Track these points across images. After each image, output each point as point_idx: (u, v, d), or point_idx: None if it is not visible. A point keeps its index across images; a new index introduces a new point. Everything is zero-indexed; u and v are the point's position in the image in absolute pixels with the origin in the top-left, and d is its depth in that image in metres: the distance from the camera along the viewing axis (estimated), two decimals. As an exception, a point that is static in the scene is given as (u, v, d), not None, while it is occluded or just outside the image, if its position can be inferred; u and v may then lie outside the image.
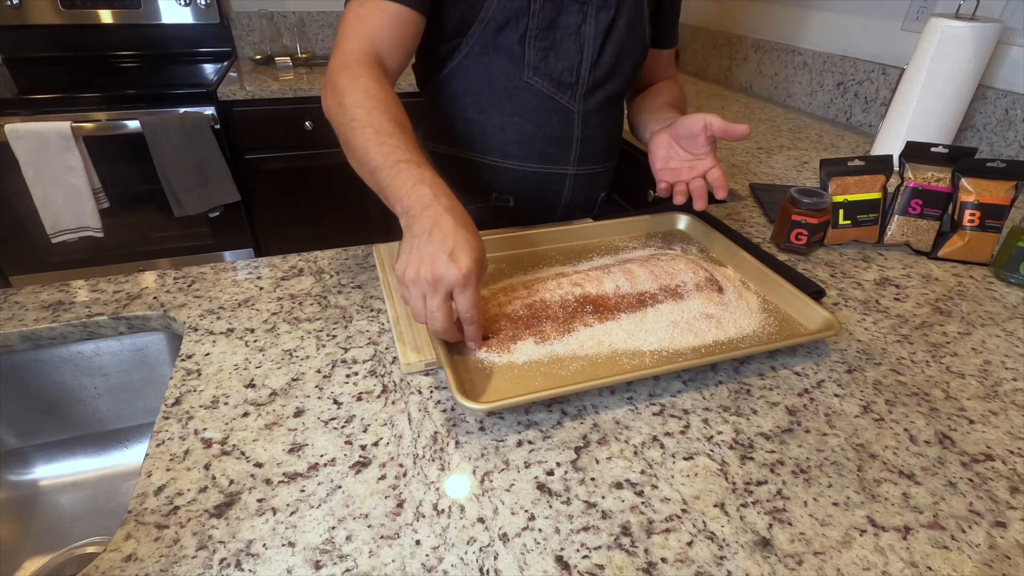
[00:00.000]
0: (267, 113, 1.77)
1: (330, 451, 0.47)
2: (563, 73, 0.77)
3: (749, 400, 0.53)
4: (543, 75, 0.77)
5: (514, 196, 0.86)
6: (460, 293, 0.49)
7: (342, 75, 0.62)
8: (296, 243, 1.99)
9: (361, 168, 0.59)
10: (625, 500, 0.43)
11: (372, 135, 0.57)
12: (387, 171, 0.55)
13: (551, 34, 0.74)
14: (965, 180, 0.77)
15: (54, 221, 1.62)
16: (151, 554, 0.39)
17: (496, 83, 0.77)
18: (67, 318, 0.61)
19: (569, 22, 0.74)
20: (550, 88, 0.78)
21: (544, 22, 0.73)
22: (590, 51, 0.77)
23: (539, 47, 0.74)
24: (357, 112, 0.59)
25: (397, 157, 0.55)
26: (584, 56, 0.77)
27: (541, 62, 0.76)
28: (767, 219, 0.91)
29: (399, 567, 0.38)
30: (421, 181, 0.53)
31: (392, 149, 0.56)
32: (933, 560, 0.40)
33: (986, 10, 1.11)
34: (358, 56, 0.64)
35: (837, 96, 1.54)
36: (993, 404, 0.54)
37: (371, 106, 0.59)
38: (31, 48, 1.92)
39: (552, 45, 0.75)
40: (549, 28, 0.74)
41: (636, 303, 0.62)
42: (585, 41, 0.76)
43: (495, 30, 0.73)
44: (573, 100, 0.80)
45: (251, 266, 0.72)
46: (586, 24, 0.75)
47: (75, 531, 0.63)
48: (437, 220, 0.50)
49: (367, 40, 0.65)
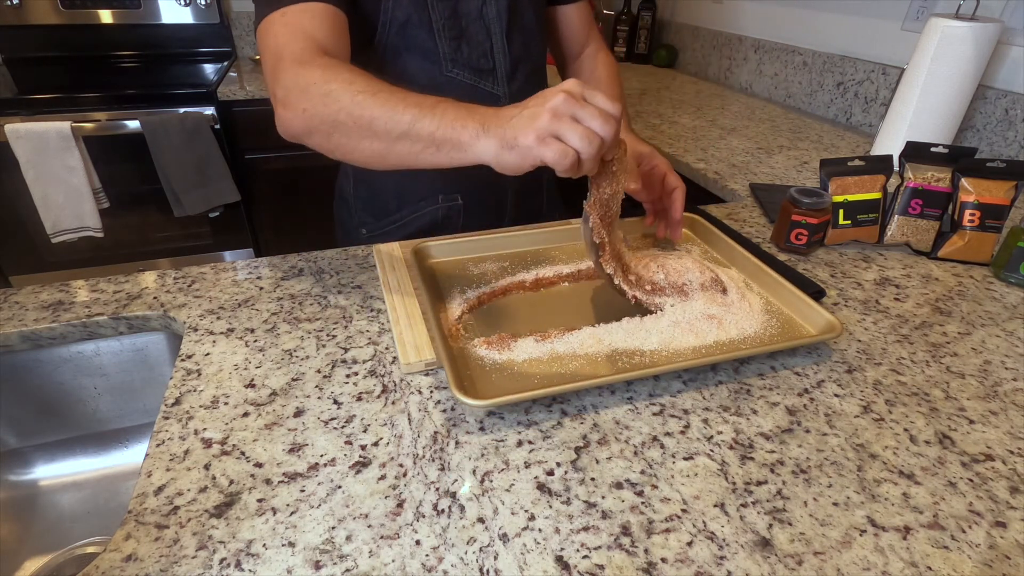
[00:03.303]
0: (267, 113, 1.75)
1: (330, 451, 0.47)
2: (479, 60, 0.77)
3: (749, 400, 0.53)
4: (461, 66, 0.76)
5: (461, 195, 0.86)
6: (591, 95, 0.47)
7: (310, 72, 0.55)
8: (296, 243, 1.98)
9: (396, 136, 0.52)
10: (625, 500, 0.43)
11: (388, 96, 0.52)
12: (430, 114, 0.50)
13: (457, 23, 0.74)
14: (965, 180, 0.77)
15: (54, 221, 1.62)
16: (151, 554, 0.39)
17: (418, 82, 0.75)
18: (67, 318, 0.61)
19: (470, 8, 0.74)
20: (472, 77, 0.77)
21: (446, 12, 0.73)
22: (498, 32, 0.77)
23: (449, 37, 0.74)
24: (359, 85, 0.53)
25: (431, 101, 0.51)
26: (494, 39, 0.77)
27: (456, 52, 0.75)
28: (767, 219, 0.91)
29: (399, 567, 0.38)
30: (474, 106, 0.51)
31: (420, 98, 0.52)
32: (933, 560, 0.40)
33: (986, 10, 1.11)
34: (306, 56, 0.58)
35: (837, 96, 1.54)
36: (993, 404, 0.54)
37: (368, 78, 0.54)
38: (31, 48, 1.92)
39: (461, 33, 0.75)
40: (452, 17, 0.73)
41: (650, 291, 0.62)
42: (490, 24, 0.76)
43: (399, 29, 0.72)
44: (496, 85, 0.80)
45: (251, 266, 0.72)
46: (486, 6, 0.75)
47: (75, 531, 0.63)
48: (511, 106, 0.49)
49: (308, 39, 0.59)
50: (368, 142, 0.54)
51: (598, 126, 0.46)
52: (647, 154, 0.72)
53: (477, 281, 0.68)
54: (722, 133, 1.39)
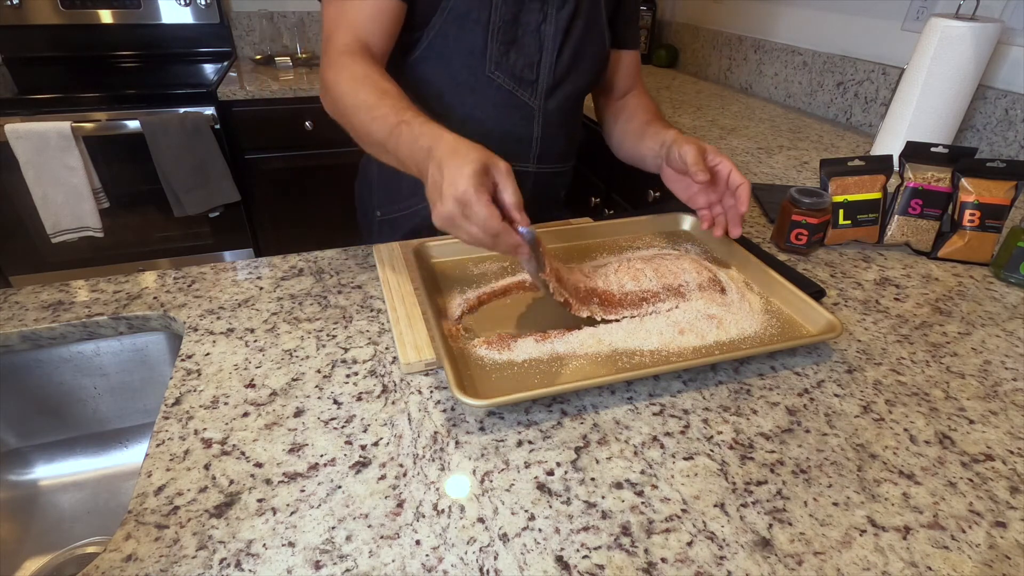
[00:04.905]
0: (267, 113, 1.77)
1: (330, 451, 0.47)
2: (524, 69, 0.78)
3: (749, 400, 0.53)
4: (504, 70, 0.77)
5: None
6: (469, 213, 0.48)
7: (328, 72, 0.66)
8: (296, 243, 1.99)
9: (375, 150, 0.63)
10: (625, 500, 0.43)
11: (365, 115, 0.61)
12: (391, 141, 0.57)
13: (513, 29, 0.75)
14: (965, 180, 0.77)
15: (54, 221, 1.62)
16: (151, 554, 0.39)
17: (458, 76, 0.77)
18: (67, 318, 0.61)
19: (529, 20, 0.75)
20: (511, 84, 0.78)
21: (507, 15, 0.74)
22: (550, 49, 0.77)
23: (501, 41, 0.75)
24: (347, 100, 0.62)
25: (391, 123, 0.57)
26: (544, 54, 0.78)
27: (503, 57, 0.76)
28: (767, 219, 0.91)
29: (399, 567, 0.38)
30: (416, 139, 0.55)
31: (383, 116, 0.58)
32: (933, 560, 0.40)
33: (986, 10, 1.11)
34: (343, 50, 0.66)
35: (837, 96, 1.54)
36: (993, 404, 0.54)
37: (356, 88, 0.62)
38: (31, 48, 1.92)
39: (514, 40, 0.76)
40: (511, 23, 0.74)
41: (638, 300, 0.62)
42: (545, 39, 0.77)
43: (457, 21, 0.73)
44: (534, 97, 0.81)
45: (251, 266, 0.72)
46: (546, 23, 0.76)
47: (75, 531, 0.63)
48: (436, 159, 0.51)
49: (350, 32, 0.67)
50: (367, 149, 0.65)
51: (480, 237, 0.49)
52: (711, 149, 0.69)
53: (477, 281, 0.68)
54: (722, 133, 1.39)
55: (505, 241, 0.50)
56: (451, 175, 0.48)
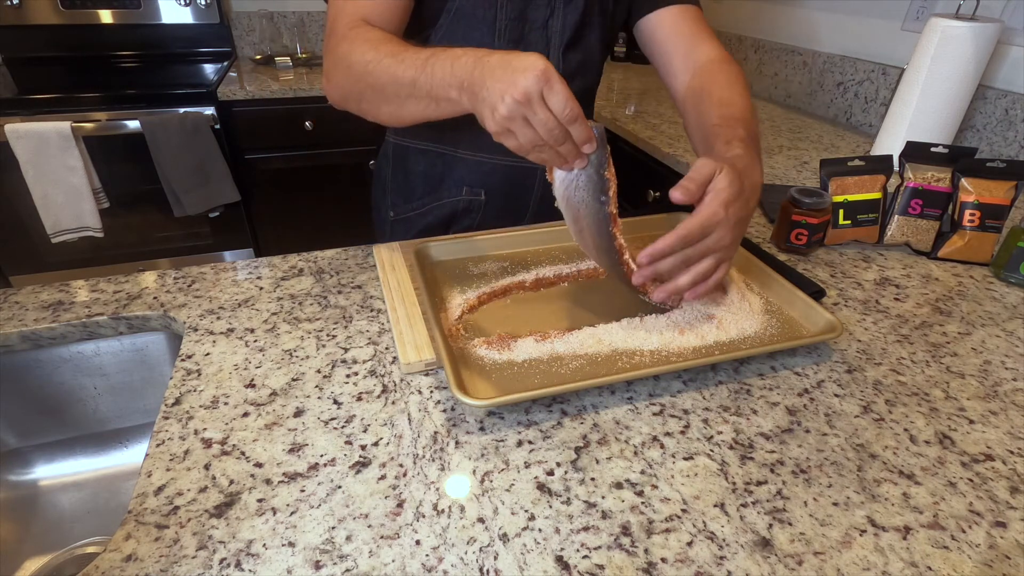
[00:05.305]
0: (267, 113, 1.77)
1: (330, 451, 0.47)
2: None
3: (749, 400, 0.53)
4: None
5: (485, 191, 0.87)
6: (549, 92, 0.48)
7: (341, 45, 0.64)
8: (296, 243, 1.99)
9: (402, 94, 0.60)
10: (625, 500, 0.43)
11: (390, 61, 0.59)
12: (424, 75, 0.56)
13: (520, 27, 0.75)
14: (965, 180, 0.77)
15: (54, 221, 1.62)
16: (151, 554, 0.39)
17: None
18: (67, 318, 0.61)
19: (536, 16, 0.75)
20: None
21: (512, 13, 0.73)
22: (556, 46, 0.77)
23: (508, 39, 0.75)
24: (368, 57, 0.60)
25: (423, 57, 0.56)
26: (551, 51, 0.77)
27: None
28: (767, 219, 0.91)
29: (399, 567, 0.38)
30: (455, 58, 0.54)
31: (412, 57, 0.57)
32: (933, 560, 0.40)
33: (986, 10, 1.11)
34: (352, 24, 0.65)
35: (837, 96, 1.54)
36: (993, 404, 0.54)
37: (377, 46, 0.61)
38: (31, 48, 1.92)
39: (521, 38, 0.75)
40: (517, 20, 0.74)
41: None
42: (552, 36, 0.76)
43: (464, 21, 0.73)
44: None
45: (251, 266, 0.72)
46: (553, 19, 0.75)
47: (75, 531, 0.63)
48: (484, 65, 0.50)
49: (358, 20, 0.67)
50: (386, 106, 0.63)
51: (546, 132, 0.48)
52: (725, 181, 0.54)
53: (477, 281, 0.68)
54: (722, 133, 1.38)
55: (579, 131, 0.49)
56: (512, 76, 0.48)
